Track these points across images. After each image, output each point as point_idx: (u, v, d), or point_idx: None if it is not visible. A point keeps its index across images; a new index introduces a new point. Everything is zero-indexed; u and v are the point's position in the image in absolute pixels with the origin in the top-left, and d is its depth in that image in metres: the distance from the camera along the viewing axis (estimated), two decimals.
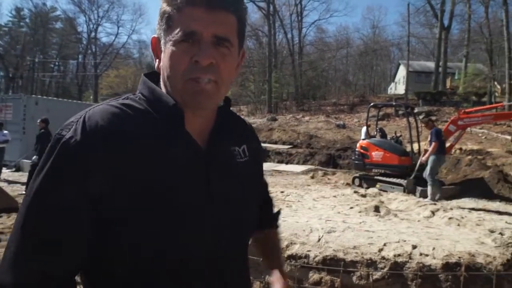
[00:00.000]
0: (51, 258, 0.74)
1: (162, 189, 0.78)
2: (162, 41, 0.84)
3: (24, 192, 8.30)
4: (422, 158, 8.34)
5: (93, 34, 52.55)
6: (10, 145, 10.77)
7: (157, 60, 0.88)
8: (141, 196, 0.76)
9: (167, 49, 0.82)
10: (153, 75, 0.90)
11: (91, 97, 49.98)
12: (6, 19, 51.19)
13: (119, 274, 0.79)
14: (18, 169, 12.73)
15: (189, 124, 0.84)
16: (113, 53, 53.76)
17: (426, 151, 8.54)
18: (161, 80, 0.88)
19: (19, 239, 0.73)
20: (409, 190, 8.69)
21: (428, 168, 8.11)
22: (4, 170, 11.15)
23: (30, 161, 9.03)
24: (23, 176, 10.66)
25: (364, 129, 11.67)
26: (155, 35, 0.88)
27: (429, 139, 8.39)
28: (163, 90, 0.86)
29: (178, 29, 0.80)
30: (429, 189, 8.05)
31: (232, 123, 0.97)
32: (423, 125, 9.22)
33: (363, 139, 10.81)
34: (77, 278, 0.84)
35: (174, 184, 0.80)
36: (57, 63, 54.70)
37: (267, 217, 1.21)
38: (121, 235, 0.77)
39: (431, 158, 8.10)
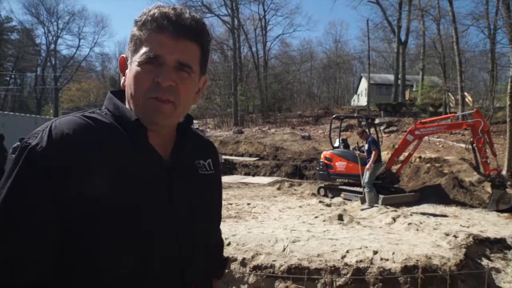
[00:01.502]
0: (19, 257, 0.78)
1: (124, 194, 0.84)
2: (129, 61, 0.92)
3: None
4: (367, 167, 8.63)
5: (52, 46, 50.85)
6: None
7: (123, 77, 0.95)
8: (101, 199, 0.81)
9: (132, 69, 0.89)
10: (121, 93, 0.96)
11: (51, 111, 48.03)
12: None
13: (80, 278, 0.83)
14: None
15: (152, 139, 0.92)
16: (74, 66, 52.14)
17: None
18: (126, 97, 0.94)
19: None
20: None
21: (366, 175, 8.36)
22: None
23: None
24: None
25: (337, 141, 11.79)
26: (124, 55, 0.95)
27: (366, 148, 8.67)
28: (127, 106, 0.93)
29: (144, 51, 0.87)
30: (367, 195, 8.28)
31: (195, 139, 1.05)
32: (358, 136, 9.50)
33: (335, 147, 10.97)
34: None
35: (135, 189, 0.85)
36: (13, 76, 52.27)
37: (217, 264, 1.23)
38: (82, 236, 0.82)
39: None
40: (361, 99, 43.00)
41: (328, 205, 8.31)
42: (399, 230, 5.82)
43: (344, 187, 10.10)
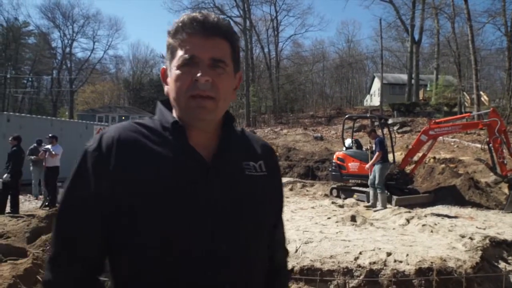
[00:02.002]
0: (73, 237, 0.93)
1: (162, 191, 0.91)
2: (168, 69, 1.00)
3: None
4: (366, 166, 8.53)
5: (68, 49, 51.70)
6: None
7: (166, 86, 1.02)
8: (141, 194, 0.90)
9: (172, 73, 0.97)
10: (169, 101, 1.04)
11: (67, 113, 48.86)
12: None
13: (125, 264, 0.94)
14: None
15: (194, 139, 0.97)
16: (89, 68, 52.92)
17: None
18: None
19: (54, 223, 0.96)
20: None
21: (376, 176, 8.22)
22: None
23: (1, 179, 8.71)
24: None
25: (348, 140, 11.65)
26: (164, 66, 1.04)
27: (373, 148, 8.59)
28: (173, 111, 1.01)
29: (180, 55, 0.95)
30: (379, 197, 8.15)
31: (243, 139, 1.08)
32: (367, 135, 9.41)
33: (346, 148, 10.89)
34: None
35: (171, 189, 0.91)
36: (30, 79, 53.37)
37: (276, 273, 1.16)
38: (123, 227, 0.91)
39: (377, 166, 8.25)
40: (374, 99, 42.57)
41: (341, 206, 8.26)
42: (413, 231, 5.75)
43: (357, 188, 10.02)
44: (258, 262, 1.02)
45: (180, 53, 0.95)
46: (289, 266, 4.03)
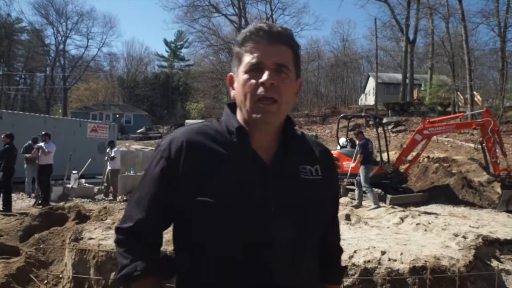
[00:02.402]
0: (145, 211, 1.04)
1: (221, 190, 0.97)
2: (235, 75, 1.08)
3: None
4: (351, 165, 8.77)
5: (61, 46, 51.24)
6: None
7: (232, 91, 1.10)
8: (206, 194, 0.97)
9: (239, 78, 1.04)
10: (235, 104, 1.12)
11: (60, 110, 48.47)
12: None
13: (183, 250, 1.05)
14: None
15: (256, 142, 1.04)
16: (83, 66, 52.45)
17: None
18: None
19: (131, 199, 1.11)
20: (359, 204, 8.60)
21: (361, 178, 8.33)
22: None
23: None
24: None
25: (342, 139, 11.66)
26: (231, 73, 1.12)
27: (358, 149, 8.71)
28: (239, 114, 1.08)
29: (247, 61, 1.03)
30: (370, 196, 8.23)
31: (302, 143, 1.13)
32: (354, 136, 9.55)
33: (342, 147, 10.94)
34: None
35: (230, 188, 0.97)
36: (23, 76, 52.85)
37: (331, 270, 1.24)
38: (186, 225, 1.01)
39: (361, 168, 8.36)
40: (368, 98, 42.72)
41: None
42: (407, 230, 5.77)
43: (352, 187, 10.03)
44: (311, 262, 1.08)
45: (247, 59, 1.02)
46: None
